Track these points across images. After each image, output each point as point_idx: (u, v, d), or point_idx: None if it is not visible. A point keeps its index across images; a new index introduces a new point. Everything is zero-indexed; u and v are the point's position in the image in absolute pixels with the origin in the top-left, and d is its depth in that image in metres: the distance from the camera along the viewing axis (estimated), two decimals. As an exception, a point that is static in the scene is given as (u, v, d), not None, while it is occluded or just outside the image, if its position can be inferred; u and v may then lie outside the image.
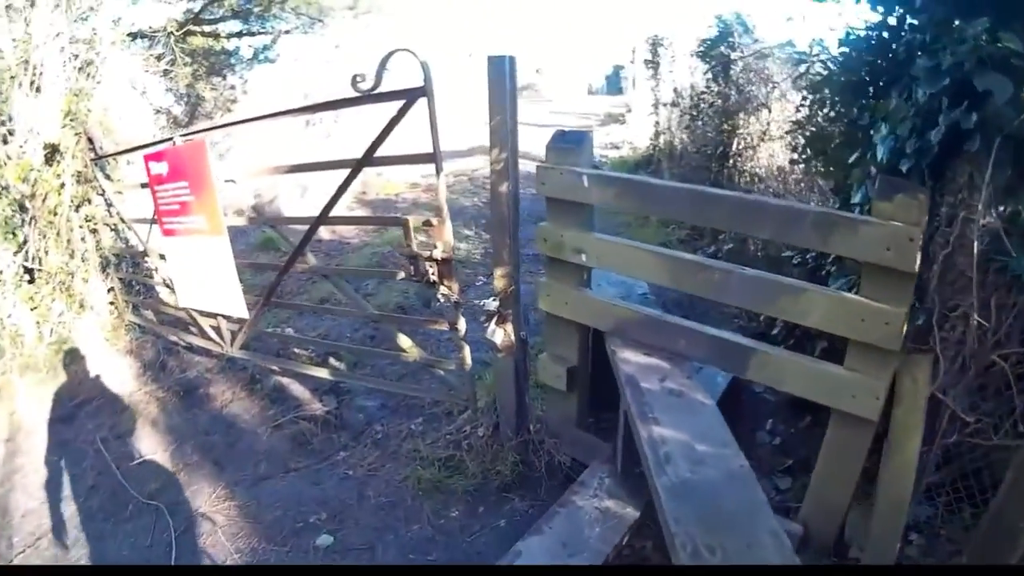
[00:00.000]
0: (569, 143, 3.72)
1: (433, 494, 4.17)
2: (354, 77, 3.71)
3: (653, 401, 3.23)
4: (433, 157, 3.77)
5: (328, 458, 4.72)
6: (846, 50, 3.76)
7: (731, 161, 7.76)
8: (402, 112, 3.77)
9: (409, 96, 3.71)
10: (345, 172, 4.16)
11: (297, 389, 5.55)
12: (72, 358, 6.27)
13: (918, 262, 2.67)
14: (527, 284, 4.31)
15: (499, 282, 4.00)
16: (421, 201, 11.67)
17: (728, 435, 3.01)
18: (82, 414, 5.56)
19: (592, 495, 3.62)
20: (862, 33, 3.62)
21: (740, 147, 7.69)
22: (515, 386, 4.12)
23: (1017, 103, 2.53)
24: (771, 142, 7.20)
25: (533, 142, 5.20)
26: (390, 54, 3.63)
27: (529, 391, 4.30)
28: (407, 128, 3.77)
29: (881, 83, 3.57)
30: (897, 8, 3.43)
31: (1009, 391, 2.79)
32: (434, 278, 4.01)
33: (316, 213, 4.52)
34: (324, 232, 8.42)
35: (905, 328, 2.76)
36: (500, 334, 4.04)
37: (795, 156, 5.16)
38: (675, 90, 11.08)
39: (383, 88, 3.70)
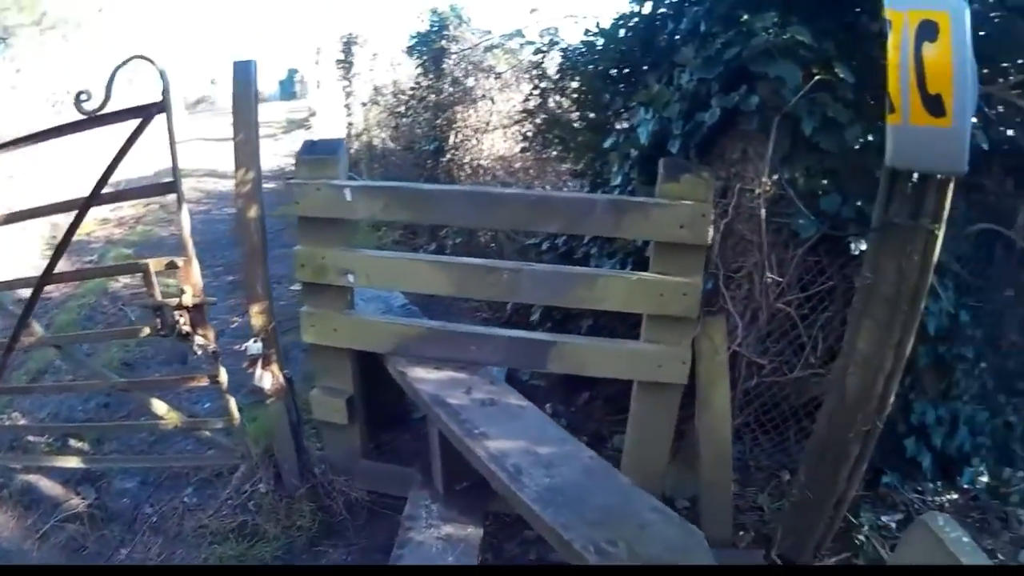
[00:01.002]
0: (324, 153, 3.50)
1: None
2: (78, 95, 3.24)
3: (471, 416, 3.14)
4: (174, 186, 3.36)
5: (109, 560, 4.13)
6: (592, 40, 3.98)
7: (448, 155, 7.80)
8: (137, 132, 3.28)
9: (145, 113, 3.26)
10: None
11: (47, 485, 4.74)
12: None
13: (710, 235, 2.92)
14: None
15: (257, 320, 3.63)
16: (116, 238, 10.49)
17: (561, 431, 3.06)
18: None
19: (426, 526, 3.41)
20: (611, 24, 3.87)
21: (458, 140, 7.75)
22: (291, 430, 3.80)
23: (796, 88, 2.91)
24: (492, 132, 7.37)
25: (218, 158, 4.88)
26: (124, 62, 3.19)
27: (304, 432, 4.02)
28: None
29: (631, 71, 3.86)
30: (658, 3, 3.77)
31: (795, 330, 3.27)
32: (186, 328, 3.56)
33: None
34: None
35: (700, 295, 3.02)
36: (268, 378, 3.66)
37: (524, 144, 5.38)
38: (375, 88, 11.05)
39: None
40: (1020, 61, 3.60)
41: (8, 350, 4.24)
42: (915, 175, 2.54)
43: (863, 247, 3.04)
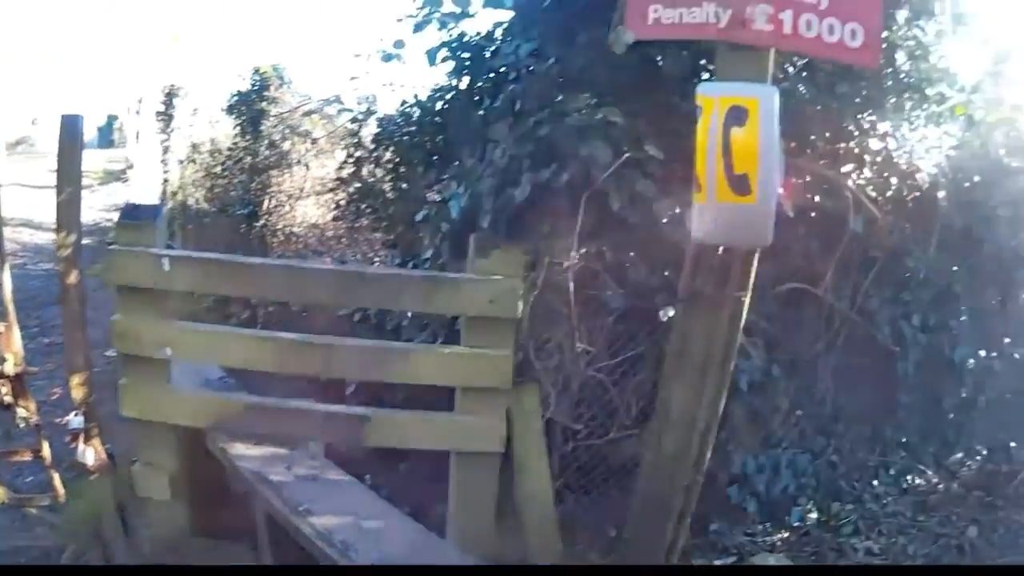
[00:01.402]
0: (143, 219, 3.40)
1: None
2: None
3: (294, 493, 3.15)
4: None
5: None
6: (408, 111, 4.04)
7: (262, 220, 7.69)
8: None
9: None
10: None
11: None
12: None
13: (520, 309, 3.03)
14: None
15: (78, 392, 3.55)
16: None
17: (384, 504, 3.16)
18: None
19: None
20: (428, 96, 3.95)
21: (272, 205, 7.70)
22: (117, 508, 3.66)
23: (606, 166, 3.04)
24: (306, 199, 7.38)
25: (35, 207, 4.67)
26: None
27: (133, 508, 3.79)
28: None
29: (445, 144, 3.98)
30: (478, 77, 3.90)
31: (608, 395, 3.43)
32: (7, 399, 3.43)
33: None
34: None
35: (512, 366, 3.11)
36: (91, 453, 3.55)
37: (337, 213, 5.39)
38: (193, 145, 10.69)
39: None
40: (827, 134, 3.96)
41: None
42: (720, 248, 2.66)
43: (671, 314, 3.16)
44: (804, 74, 3.93)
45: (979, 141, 4.53)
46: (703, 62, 3.06)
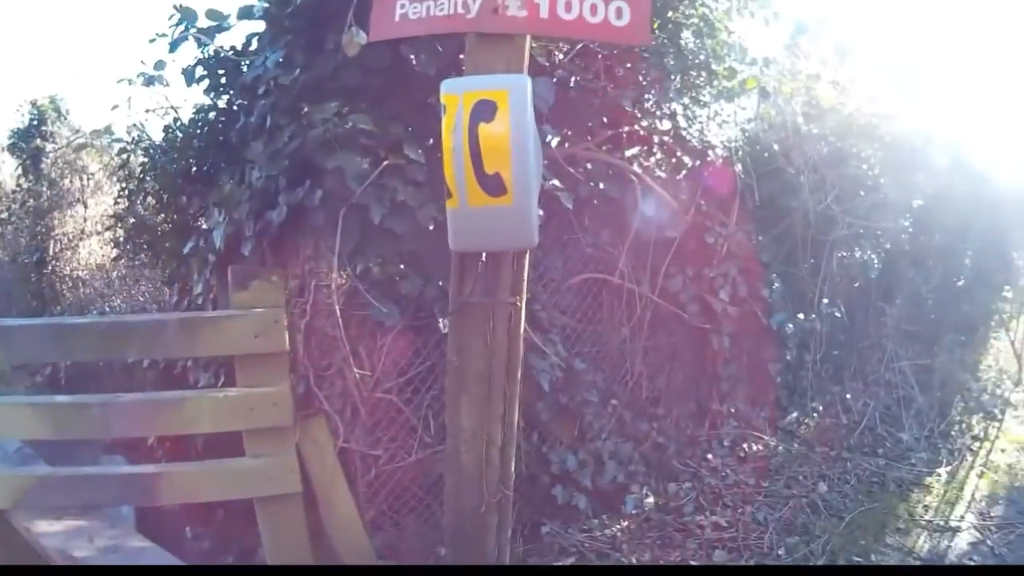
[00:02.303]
0: None
1: None
2: None
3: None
4: None
5: None
6: (172, 136, 3.97)
7: (50, 266, 7.36)
8: None
9: None
10: None
11: None
12: None
13: (287, 341, 2.92)
14: None
15: None
16: None
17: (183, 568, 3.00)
18: None
19: None
20: (190, 118, 3.86)
21: (58, 249, 7.37)
22: None
23: (361, 176, 2.96)
24: (89, 239, 7.11)
25: None
26: None
27: None
28: None
29: (209, 168, 3.86)
30: (232, 94, 3.78)
31: (403, 415, 3.36)
32: None
33: None
34: None
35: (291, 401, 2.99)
36: None
37: (118, 251, 5.20)
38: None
39: None
40: (606, 119, 3.96)
41: None
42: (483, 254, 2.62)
43: (451, 326, 3.17)
44: (577, 61, 3.91)
45: (775, 111, 4.70)
46: (462, 56, 2.92)
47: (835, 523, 3.88)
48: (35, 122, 7.71)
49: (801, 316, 4.94)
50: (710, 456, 4.37)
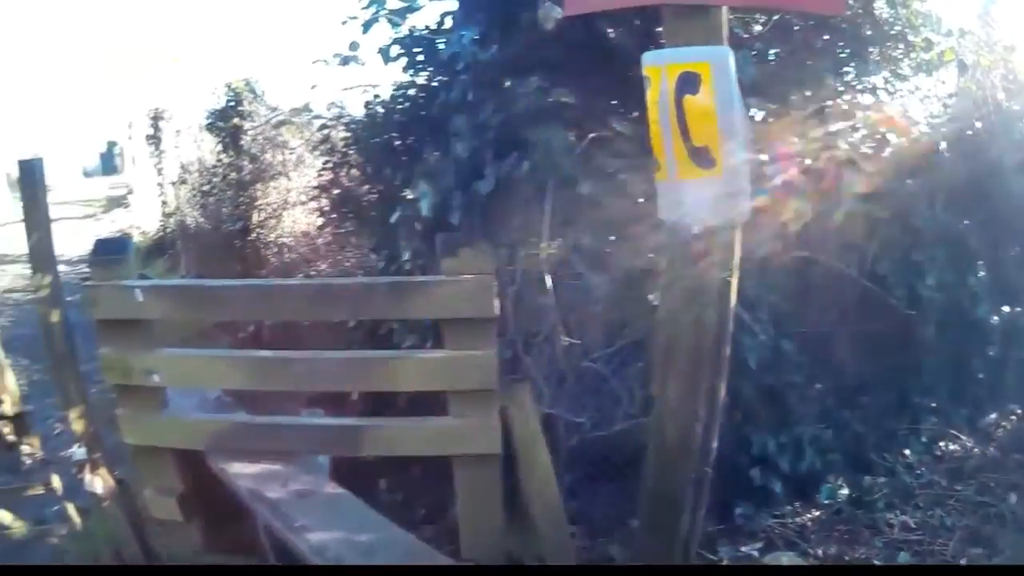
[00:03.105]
0: (113, 253, 3.48)
1: None
2: None
3: (289, 509, 3.20)
4: None
5: None
6: (373, 112, 4.17)
7: (254, 234, 7.82)
8: None
9: None
10: None
11: None
12: None
13: (497, 307, 2.97)
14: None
15: (77, 425, 3.70)
16: None
17: (377, 516, 3.15)
18: None
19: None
20: (390, 95, 4.06)
21: (261, 218, 7.79)
22: (133, 531, 3.79)
23: (568, 149, 3.00)
24: (293, 209, 7.47)
25: None
26: None
27: (153, 530, 3.93)
28: None
29: (412, 141, 4.00)
30: (431, 71, 3.92)
31: (608, 386, 3.40)
32: (11, 439, 3.72)
33: None
34: None
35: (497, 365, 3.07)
36: (99, 482, 3.65)
37: (323, 220, 5.45)
38: (182, 166, 10.90)
39: None
40: (808, 94, 3.87)
41: None
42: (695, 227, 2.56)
43: (663, 299, 3.14)
44: (773, 33, 3.86)
45: (975, 86, 4.47)
46: (659, 29, 2.87)
47: (1021, 539, 3.61)
48: (231, 103, 8.18)
49: (1007, 309, 4.65)
50: (907, 452, 4.21)
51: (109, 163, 33.11)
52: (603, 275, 3.20)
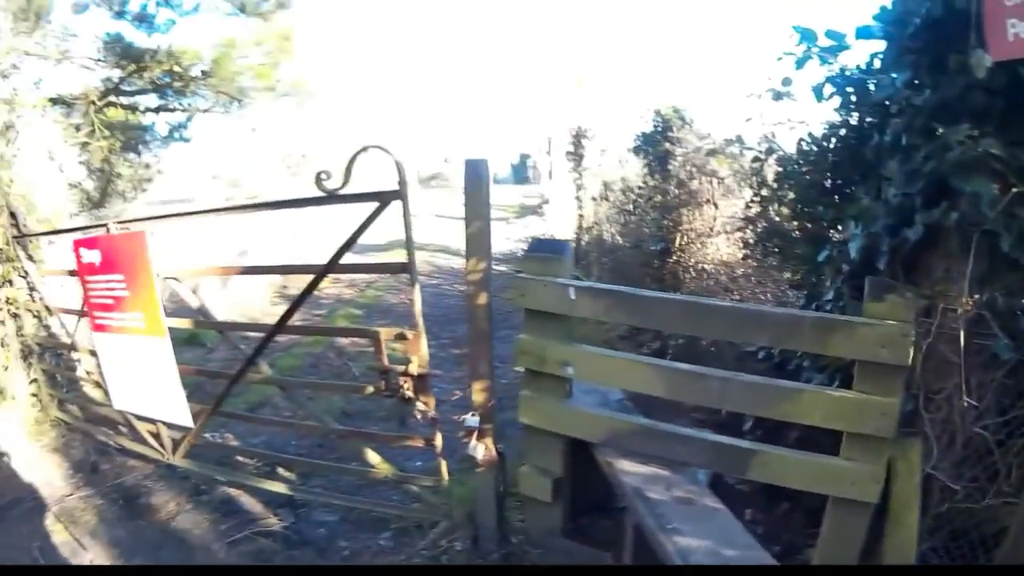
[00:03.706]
0: (551, 252, 3.87)
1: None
2: (319, 175, 3.79)
3: (667, 512, 3.38)
4: (407, 267, 3.91)
5: None
6: (806, 149, 4.23)
7: (674, 256, 8.01)
8: (375, 215, 3.86)
9: (382, 199, 3.79)
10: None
11: (248, 502, 5.38)
12: (-8, 452, 6.02)
13: (911, 356, 3.01)
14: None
15: (478, 396, 4.11)
16: (346, 297, 11.82)
17: (749, 538, 3.25)
18: (10, 516, 5.32)
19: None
20: (822, 133, 4.14)
21: (684, 242, 7.95)
22: (496, 499, 4.21)
23: (994, 202, 2.95)
24: (716, 237, 7.54)
25: (450, 235, 5.27)
26: (360, 151, 3.70)
27: (508, 503, 4.40)
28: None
29: (842, 182, 4.03)
30: (862, 112, 3.93)
31: (991, 457, 3.23)
32: (409, 394, 4.03)
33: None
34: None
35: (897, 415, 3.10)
36: (481, 449, 4.10)
37: (747, 251, 5.64)
38: (605, 184, 11.52)
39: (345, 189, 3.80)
40: None
41: (233, 381, 5.03)
42: None
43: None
44: None
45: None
46: None
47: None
48: (659, 128, 8.48)
49: None
50: None
51: (520, 173, 35.62)
52: (1011, 339, 3.06)
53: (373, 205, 3.84)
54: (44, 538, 5.03)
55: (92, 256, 5.13)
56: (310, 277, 4.33)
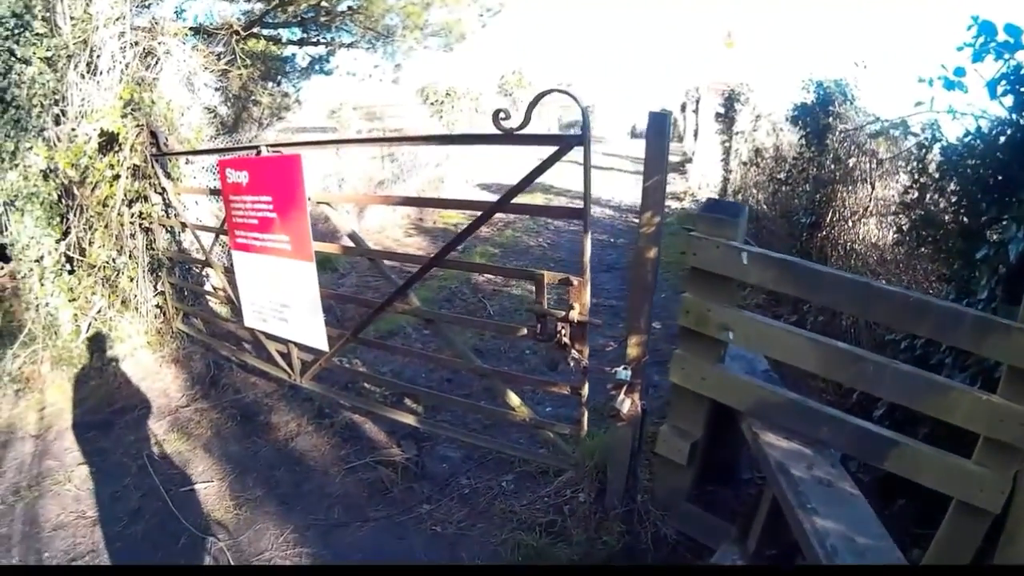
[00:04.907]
0: (724, 214, 3.78)
1: (534, 561, 4.13)
2: (496, 113, 3.83)
3: (808, 491, 3.37)
4: (581, 212, 3.99)
5: (410, 510, 4.67)
6: (973, 143, 4.20)
7: (824, 231, 7.91)
8: (553, 159, 3.90)
9: (563, 143, 3.83)
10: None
11: (371, 430, 5.57)
12: (110, 358, 6.42)
13: None
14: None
15: (633, 350, 4.06)
16: (483, 235, 11.89)
17: (881, 528, 3.23)
18: (121, 423, 5.59)
19: (731, 579, 3.74)
20: (989, 129, 4.12)
21: (835, 219, 7.85)
22: (630, 455, 4.22)
23: None
24: (869, 218, 7.42)
25: (573, 180, 5.24)
26: (545, 93, 3.74)
27: (640, 461, 4.39)
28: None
29: (1007, 181, 3.99)
30: None
31: None
32: (566, 340, 4.09)
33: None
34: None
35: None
36: (628, 403, 4.04)
37: (898, 236, 5.63)
38: (756, 150, 11.48)
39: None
40: None
41: (379, 310, 5.21)
42: None
43: None
44: None
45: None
46: None
47: None
48: (821, 101, 8.31)
49: None
50: None
51: (660, 128, 35.27)
52: None
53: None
54: (154, 445, 5.35)
55: (239, 176, 5.36)
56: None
